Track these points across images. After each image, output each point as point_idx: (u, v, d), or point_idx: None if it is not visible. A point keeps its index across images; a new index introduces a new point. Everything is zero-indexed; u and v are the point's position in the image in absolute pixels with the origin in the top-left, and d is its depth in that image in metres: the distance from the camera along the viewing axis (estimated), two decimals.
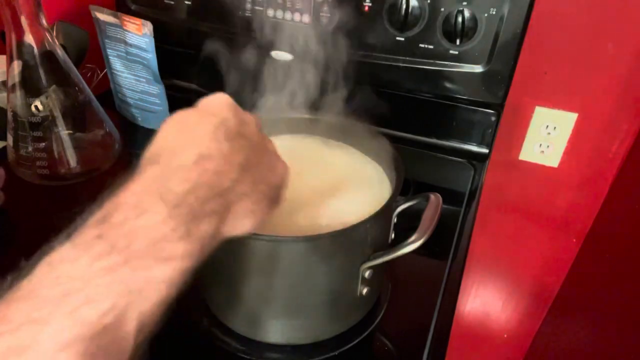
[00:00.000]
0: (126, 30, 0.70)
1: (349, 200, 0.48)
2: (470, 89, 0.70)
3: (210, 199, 0.27)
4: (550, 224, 0.91)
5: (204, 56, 0.64)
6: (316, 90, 0.55)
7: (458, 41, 0.66)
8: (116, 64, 0.75)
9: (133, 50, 0.71)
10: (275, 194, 0.34)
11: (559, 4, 0.71)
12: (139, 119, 0.79)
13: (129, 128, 0.79)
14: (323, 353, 0.46)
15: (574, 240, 0.91)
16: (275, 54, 0.73)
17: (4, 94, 0.64)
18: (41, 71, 0.59)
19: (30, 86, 0.59)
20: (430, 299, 0.51)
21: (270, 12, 0.73)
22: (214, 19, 0.73)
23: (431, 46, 0.68)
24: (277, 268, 0.41)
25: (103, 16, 0.71)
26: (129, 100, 0.77)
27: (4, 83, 0.64)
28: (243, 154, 0.30)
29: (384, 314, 0.50)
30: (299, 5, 0.71)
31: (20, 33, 0.56)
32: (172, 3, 0.79)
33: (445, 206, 0.44)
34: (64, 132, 0.62)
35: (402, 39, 0.69)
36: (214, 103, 0.32)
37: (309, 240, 0.39)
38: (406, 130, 0.76)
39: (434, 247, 0.57)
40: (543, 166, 0.85)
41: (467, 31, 0.65)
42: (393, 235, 0.49)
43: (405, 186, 0.44)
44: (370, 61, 0.71)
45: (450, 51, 0.68)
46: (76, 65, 0.67)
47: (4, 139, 0.64)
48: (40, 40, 0.58)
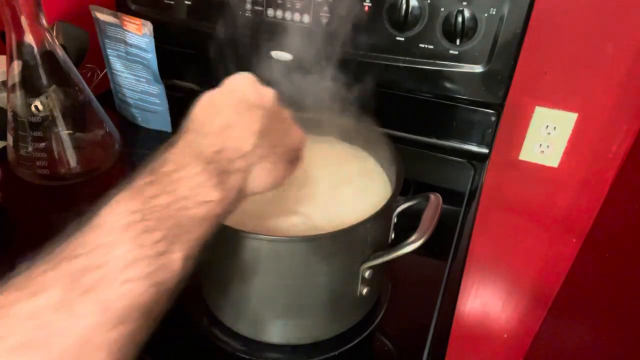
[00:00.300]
0: (126, 30, 0.70)
1: (349, 200, 0.48)
2: (470, 89, 0.70)
3: (235, 159, 0.33)
4: (550, 224, 0.91)
5: (204, 56, 0.64)
6: (316, 90, 0.55)
7: (458, 41, 0.66)
8: (116, 64, 0.75)
9: (133, 50, 0.71)
10: (293, 156, 0.38)
11: (559, 4, 0.71)
12: (139, 119, 0.79)
13: (129, 128, 0.79)
14: (323, 353, 0.46)
15: (574, 240, 0.91)
16: (275, 54, 0.73)
17: (4, 94, 0.64)
18: (41, 71, 0.59)
19: (30, 86, 0.59)
20: (430, 299, 0.51)
21: (270, 12, 0.73)
22: (214, 19, 0.73)
23: (431, 46, 0.68)
24: (277, 268, 0.41)
25: (103, 16, 0.71)
26: (129, 100, 0.77)
27: (4, 83, 0.64)
28: (261, 122, 0.35)
29: (384, 314, 0.50)
30: (298, 5, 0.71)
31: (20, 33, 0.56)
32: (172, 3, 0.79)
33: (445, 206, 0.44)
34: (64, 132, 0.62)
35: (402, 39, 0.69)
36: (236, 81, 0.37)
37: (309, 240, 0.39)
38: (406, 130, 0.76)
39: (434, 247, 0.57)
40: (543, 166, 0.85)
41: (467, 31, 0.65)
42: (393, 235, 0.49)
43: (405, 186, 0.44)
44: (370, 61, 0.71)
45: (450, 51, 0.68)
46: (76, 65, 0.67)
47: (4, 139, 0.64)
48: (40, 40, 0.58)
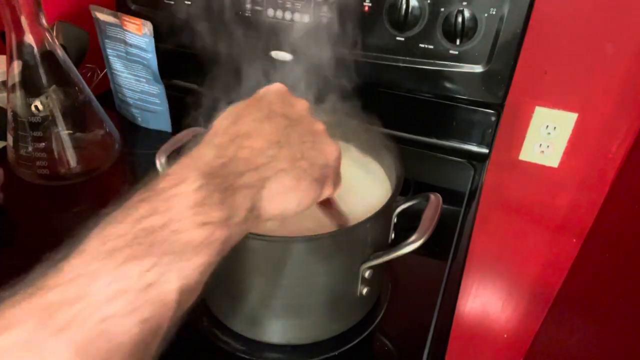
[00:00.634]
0: (126, 30, 0.70)
1: (349, 200, 0.48)
2: (470, 89, 0.70)
3: (245, 172, 0.29)
4: (550, 224, 0.91)
5: (204, 56, 0.64)
6: (316, 90, 0.55)
7: (458, 41, 0.66)
8: (116, 64, 0.75)
9: (133, 50, 0.71)
10: (323, 173, 0.33)
11: (559, 4, 0.71)
12: (139, 119, 0.79)
13: (129, 128, 0.79)
14: (323, 353, 0.46)
15: (574, 240, 0.91)
16: (275, 54, 0.73)
17: (4, 94, 0.64)
18: (41, 71, 0.59)
19: (30, 86, 0.59)
20: (430, 299, 0.51)
21: (270, 12, 0.73)
22: (214, 19, 0.73)
23: (431, 46, 0.68)
24: (277, 268, 0.41)
25: (103, 16, 0.71)
26: (129, 100, 0.77)
27: (4, 83, 0.64)
28: (283, 132, 0.31)
29: (384, 314, 0.50)
30: (298, 5, 0.71)
31: (20, 33, 0.56)
32: (172, 3, 0.79)
33: (445, 206, 0.44)
34: (64, 132, 0.62)
35: (402, 39, 0.69)
36: (264, 91, 0.35)
37: (309, 240, 0.39)
38: (406, 130, 0.76)
39: (434, 247, 0.57)
40: (543, 166, 0.85)
41: (467, 31, 0.65)
42: (393, 235, 0.49)
43: (405, 186, 0.44)
44: (370, 61, 0.71)
45: (450, 51, 0.68)
46: (76, 65, 0.67)
47: (4, 139, 0.64)
48: (40, 40, 0.58)
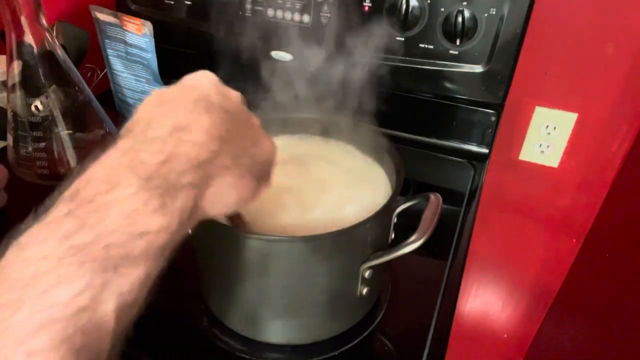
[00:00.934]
0: (126, 30, 0.70)
1: (349, 200, 0.48)
2: (470, 89, 0.70)
3: (186, 171, 0.26)
4: (550, 224, 0.91)
5: (204, 56, 0.64)
6: (316, 90, 0.55)
7: (458, 41, 0.66)
8: (116, 64, 0.75)
9: (133, 50, 0.71)
10: (261, 171, 0.32)
11: (559, 4, 0.71)
12: None
13: None
14: (323, 353, 0.46)
15: (574, 240, 0.91)
16: (275, 54, 0.73)
17: (4, 94, 0.64)
18: (41, 71, 0.59)
19: (30, 86, 0.59)
20: (430, 299, 0.51)
21: (270, 12, 0.73)
22: (214, 19, 0.73)
23: (431, 46, 0.68)
24: (277, 268, 0.41)
25: (103, 16, 0.71)
26: (129, 100, 0.77)
27: (4, 83, 0.64)
28: (224, 126, 0.28)
29: (384, 314, 0.50)
30: (298, 5, 0.71)
31: (20, 33, 0.56)
32: (172, 3, 0.79)
33: (445, 206, 0.44)
34: (64, 132, 0.62)
35: (402, 39, 0.69)
36: (196, 78, 0.31)
37: (309, 240, 0.39)
38: (406, 130, 0.76)
39: (434, 247, 0.57)
40: (543, 166, 0.85)
41: (467, 31, 0.65)
42: (393, 235, 0.49)
43: (405, 186, 0.44)
44: (370, 61, 0.71)
45: (450, 51, 0.68)
46: (76, 65, 0.67)
47: (4, 139, 0.64)
48: (40, 40, 0.58)
